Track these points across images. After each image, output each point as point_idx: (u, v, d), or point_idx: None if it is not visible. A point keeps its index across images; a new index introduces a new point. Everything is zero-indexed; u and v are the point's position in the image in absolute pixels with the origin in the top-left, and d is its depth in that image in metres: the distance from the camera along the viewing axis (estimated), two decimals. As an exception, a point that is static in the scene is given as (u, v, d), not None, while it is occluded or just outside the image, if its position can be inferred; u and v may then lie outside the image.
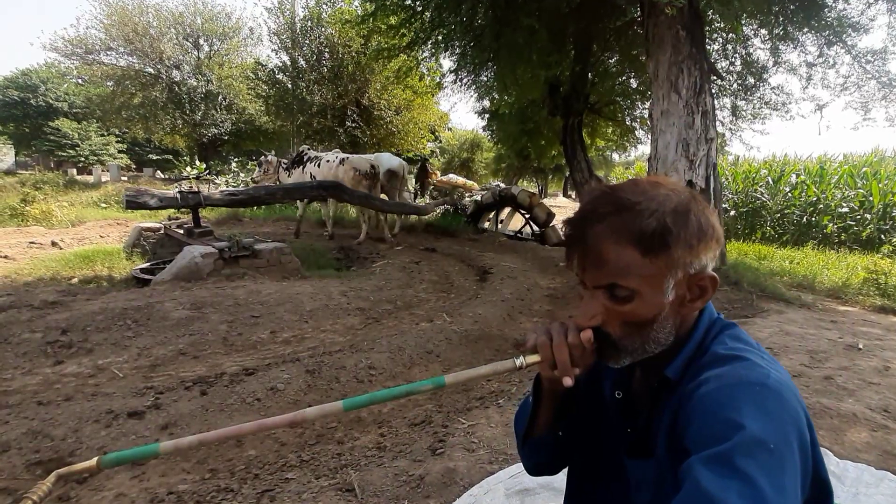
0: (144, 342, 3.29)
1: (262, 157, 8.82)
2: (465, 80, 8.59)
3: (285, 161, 8.60)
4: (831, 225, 10.72)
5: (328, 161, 7.93)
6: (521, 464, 1.65)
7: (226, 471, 1.93)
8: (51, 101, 30.39)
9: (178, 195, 5.32)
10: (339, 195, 6.91)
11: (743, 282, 3.93)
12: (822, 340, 2.81)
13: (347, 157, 8.02)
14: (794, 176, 12.32)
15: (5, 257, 5.70)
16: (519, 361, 0.75)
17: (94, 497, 1.77)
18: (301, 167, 8.21)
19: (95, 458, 1.09)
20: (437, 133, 25.71)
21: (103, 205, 11.93)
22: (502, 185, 14.66)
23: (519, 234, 10.38)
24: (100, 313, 3.64)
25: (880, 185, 10.66)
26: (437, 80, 11.13)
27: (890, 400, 2.00)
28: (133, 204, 5.01)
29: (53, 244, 6.55)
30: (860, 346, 2.68)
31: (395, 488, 1.57)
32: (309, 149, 8.78)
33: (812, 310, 3.63)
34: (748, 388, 0.57)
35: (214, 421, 2.31)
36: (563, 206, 22.17)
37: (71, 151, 29.11)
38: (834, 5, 5.22)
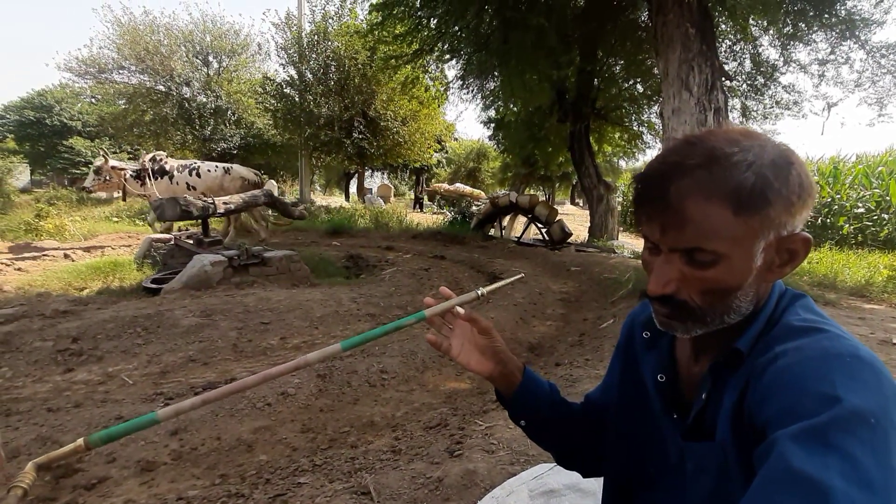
0: (154, 349, 3.26)
1: (102, 164, 7.23)
2: (471, 88, 8.62)
3: (133, 170, 7.41)
4: (847, 226, 10.52)
5: (209, 171, 7.59)
6: (544, 464, 1.57)
7: (236, 476, 1.87)
8: (65, 120, 31.07)
9: (208, 205, 5.47)
10: (275, 203, 7.05)
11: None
12: (855, 336, 2.70)
13: (232, 167, 7.80)
14: (807, 177, 12.15)
15: (19, 269, 5.74)
16: (480, 292, 0.86)
17: (103, 503, 1.71)
18: (166, 177, 7.41)
19: (81, 439, 1.03)
20: (443, 143, 25.83)
21: (115, 219, 12.06)
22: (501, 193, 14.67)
23: (531, 240, 10.31)
24: (110, 321, 3.62)
25: (898, 185, 10.45)
26: (443, 89, 11.20)
27: (934, 393, 1.90)
28: (186, 213, 5.21)
29: (66, 256, 6.59)
30: (894, 341, 2.57)
31: (412, 491, 1.50)
32: (167, 155, 8.00)
33: (838, 307, 3.51)
34: (838, 360, 0.49)
35: (225, 426, 2.25)
36: (571, 214, 22.08)
37: (84, 169, 29.61)
38: (845, 0, 5.15)
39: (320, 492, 1.55)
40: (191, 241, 6.02)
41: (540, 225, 9.74)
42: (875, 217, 10.67)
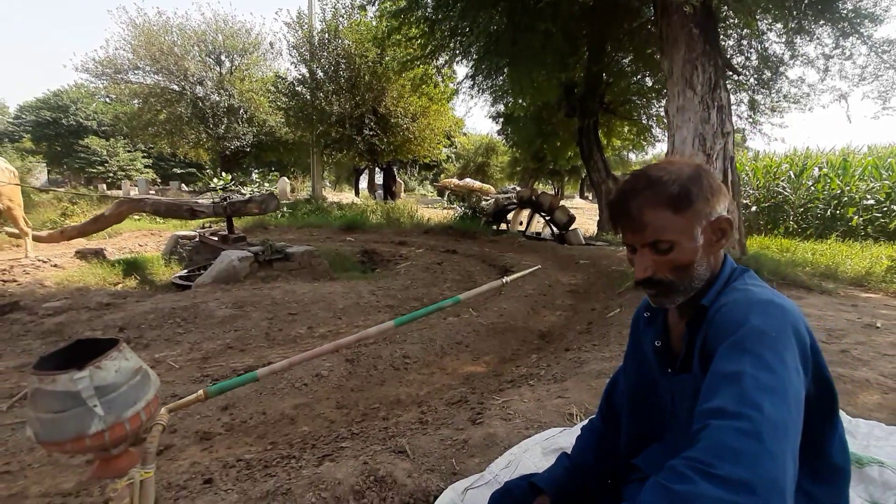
0: (194, 338, 3.55)
1: None
2: (481, 85, 8.80)
3: None
4: (857, 217, 10.55)
5: None
6: (554, 428, 1.82)
7: (284, 443, 2.13)
8: (81, 119, 31.71)
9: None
10: None
11: (763, 271, 4.00)
12: (841, 320, 2.89)
13: None
14: (816, 169, 12.15)
15: (55, 266, 6.07)
16: (505, 280, 1.11)
17: (172, 465, 1.98)
18: None
19: (201, 390, 1.31)
20: (452, 138, 25.99)
21: (136, 217, 12.43)
22: (517, 188, 14.81)
23: (538, 234, 10.52)
24: (151, 313, 3.92)
25: (907, 176, 10.45)
26: (453, 85, 11.38)
27: (903, 369, 2.10)
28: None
29: (97, 253, 6.93)
30: (878, 325, 2.75)
31: (442, 450, 1.75)
32: None
33: (833, 296, 3.69)
34: (756, 303, 0.75)
35: (268, 402, 2.52)
36: (580, 208, 22.16)
37: (100, 168, 30.34)
38: (847, -2, 5.27)
39: (362, 452, 1.80)
40: (215, 238, 6.32)
41: (543, 214, 9.96)
42: (885, 209, 10.68)
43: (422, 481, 1.54)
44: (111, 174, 30.15)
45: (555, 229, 9.77)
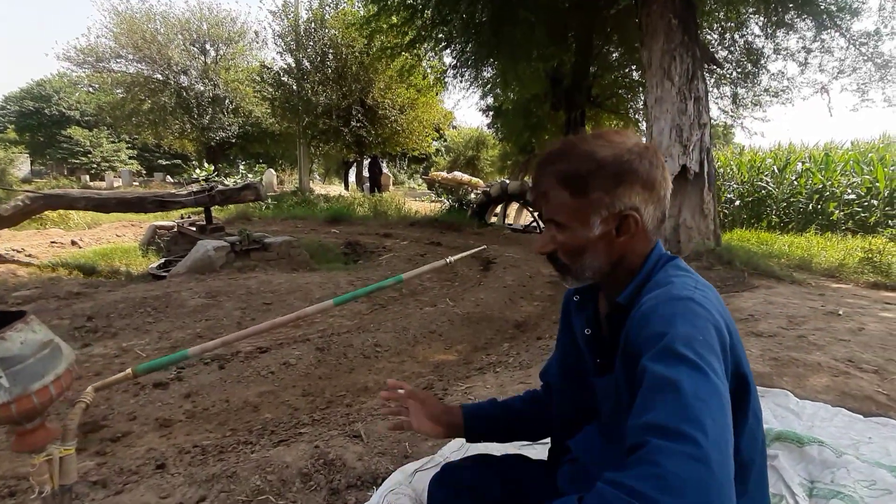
0: (164, 327, 3.50)
1: None
2: (466, 76, 8.76)
3: None
4: (838, 212, 10.71)
5: None
6: (511, 412, 1.81)
7: (244, 430, 2.11)
8: (63, 109, 31.08)
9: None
10: None
11: (735, 261, 4.04)
12: (804, 308, 2.93)
13: None
14: (799, 164, 12.29)
15: (29, 256, 5.96)
16: (449, 260, 1.08)
17: (128, 451, 1.96)
18: None
19: (129, 369, 1.29)
20: (441, 131, 25.88)
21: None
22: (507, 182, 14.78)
23: (525, 227, 10.55)
24: (121, 302, 3.86)
25: (887, 171, 10.61)
26: (440, 76, 11.29)
27: (856, 353, 2.12)
28: None
29: (73, 243, 6.81)
30: (840, 313, 2.79)
31: (396, 434, 1.74)
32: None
33: (803, 286, 3.74)
34: (678, 302, 0.69)
35: (232, 390, 2.49)
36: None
37: (83, 158, 29.78)
38: (826, -9, 5.31)
39: (319, 438, 1.79)
40: (193, 229, 6.24)
41: (532, 209, 10.01)
42: (865, 203, 10.85)
43: (372, 464, 1.54)
44: (94, 165, 29.61)
45: (541, 223, 9.81)
